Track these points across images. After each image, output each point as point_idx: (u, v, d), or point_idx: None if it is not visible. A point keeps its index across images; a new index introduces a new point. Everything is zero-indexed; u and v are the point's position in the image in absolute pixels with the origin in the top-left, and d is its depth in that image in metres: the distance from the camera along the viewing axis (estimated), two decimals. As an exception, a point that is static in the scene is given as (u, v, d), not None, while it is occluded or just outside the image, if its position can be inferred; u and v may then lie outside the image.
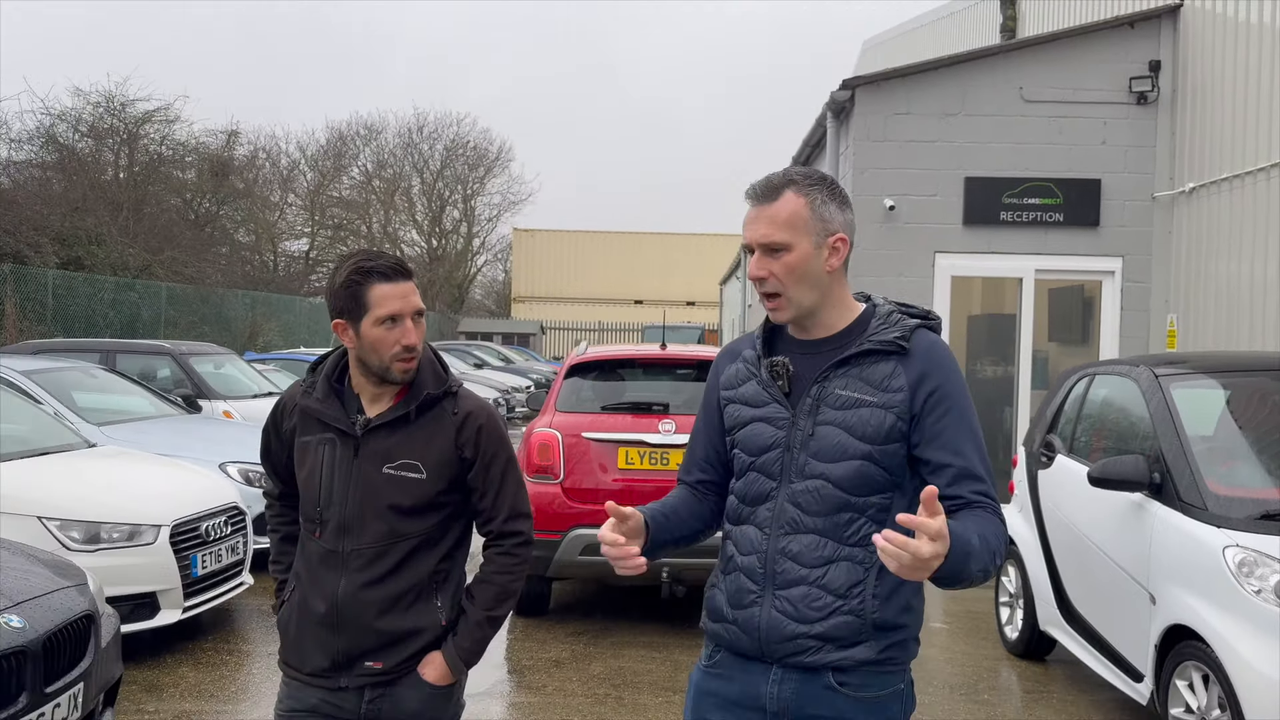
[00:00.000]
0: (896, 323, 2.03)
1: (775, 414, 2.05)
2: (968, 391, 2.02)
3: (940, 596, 7.45)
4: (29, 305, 14.98)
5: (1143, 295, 9.52)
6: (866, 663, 1.96)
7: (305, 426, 2.39)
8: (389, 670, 2.31)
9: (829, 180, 2.07)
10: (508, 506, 2.38)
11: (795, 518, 2.00)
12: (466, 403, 2.37)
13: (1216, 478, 4.30)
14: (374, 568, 2.29)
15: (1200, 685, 3.99)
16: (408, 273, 2.29)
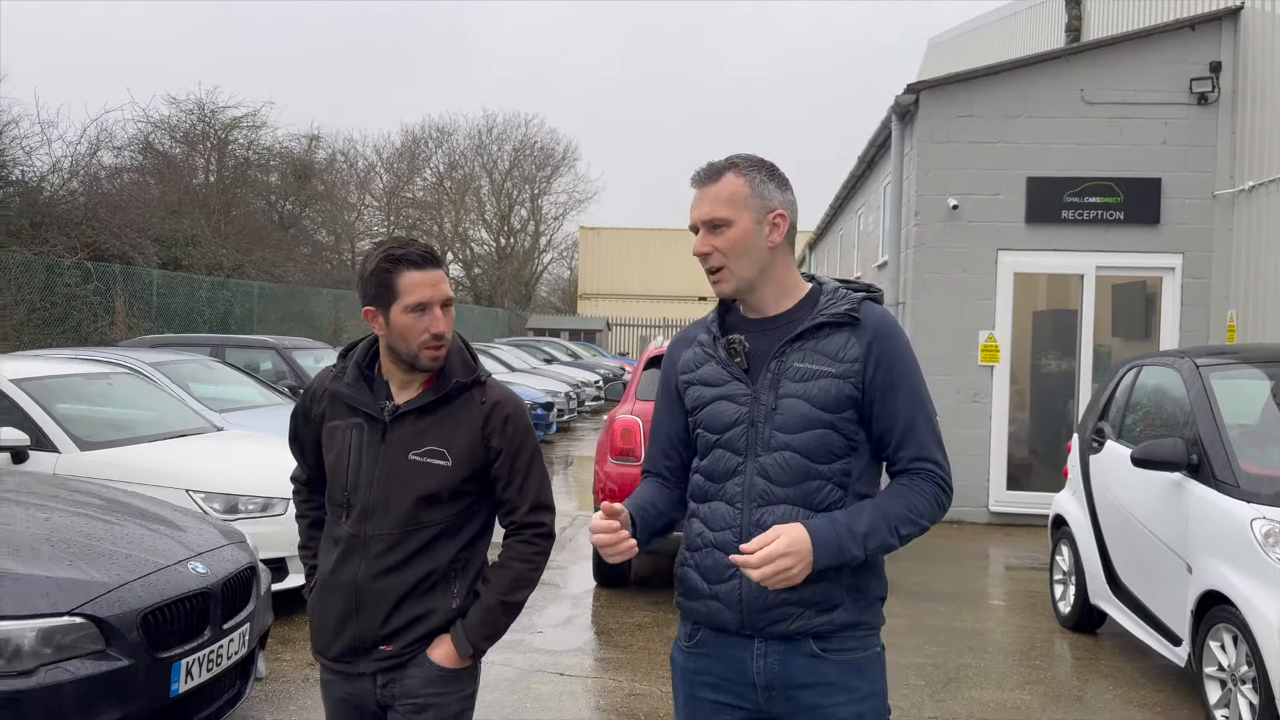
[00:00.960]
0: (844, 297, 2.12)
1: (736, 391, 2.10)
2: (915, 360, 2.13)
3: (999, 576, 7.84)
4: (135, 303, 16.00)
5: (1203, 291, 9.76)
6: (846, 625, 2.04)
7: (334, 411, 2.40)
8: (398, 652, 2.32)
9: (768, 164, 2.16)
10: (532, 497, 2.39)
11: (766, 489, 2.05)
12: (494, 392, 2.39)
13: (1250, 459, 4.68)
14: (394, 553, 2.31)
15: (1230, 645, 4.39)
16: (437, 261, 2.32)
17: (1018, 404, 10.26)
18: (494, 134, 49.04)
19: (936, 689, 5.14)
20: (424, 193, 45.55)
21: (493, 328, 39.64)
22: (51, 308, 14.14)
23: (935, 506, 2.07)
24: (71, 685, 3.30)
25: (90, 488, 4.77)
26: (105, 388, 7.06)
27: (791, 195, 2.15)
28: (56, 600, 3.40)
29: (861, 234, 15.34)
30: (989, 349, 10.01)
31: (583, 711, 4.81)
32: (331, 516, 2.40)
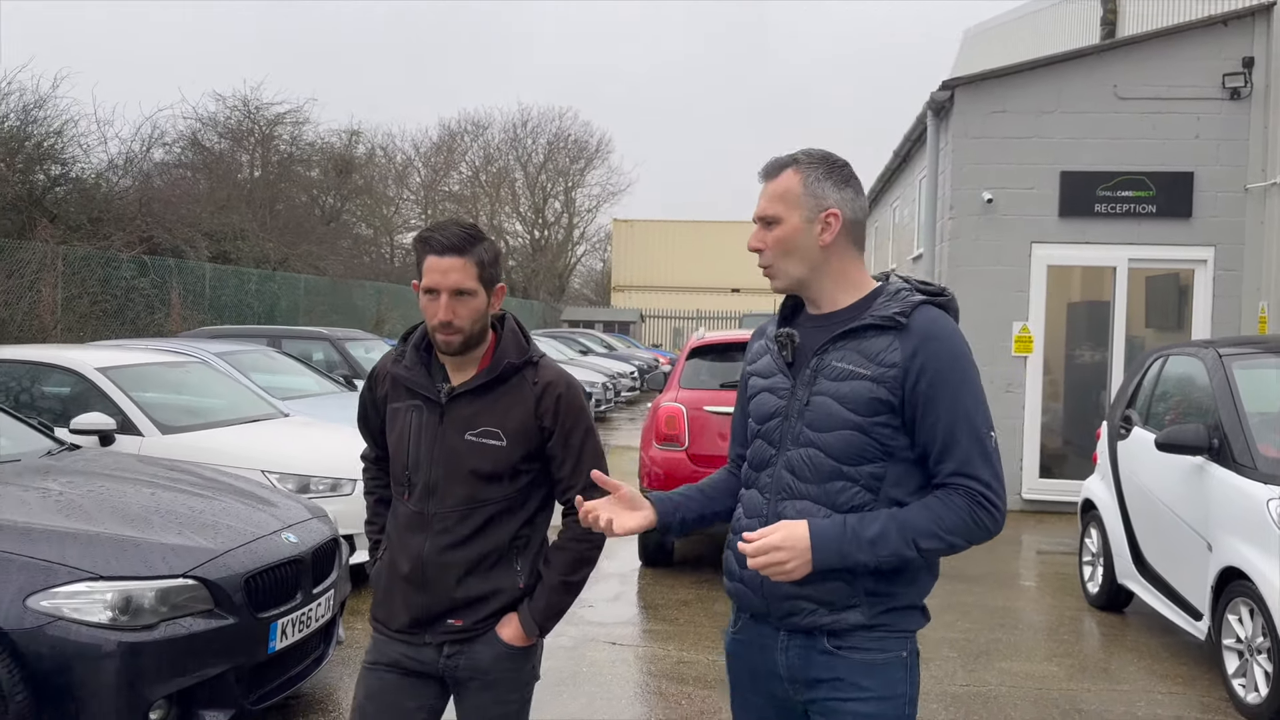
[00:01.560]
0: (901, 299, 2.07)
1: (779, 384, 2.13)
2: (969, 367, 2.04)
3: (1031, 560, 8.10)
4: (188, 296, 16.55)
5: (1235, 283, 9.92)
6: (860, 627, 2.02)
7: (395, 393, 2.47)
8: (468, 628, 2.39)
9: (831, 160, 2.13)
10: (586, 476, 2.39)
11: (790, 484, 2.07)
12: (547, 373, 2.42)
13: (1269, 443, 4.93)
14: (456, 530, 2.37)
15: (1248, 618, 4.66)
16: (460, 249, 2.32)
17: (1051, 394, 10.47)
18: (529, 127, 49.53)
19: (968, 660, 5.43)
20: (460, 186, 46.11)
21: (528, 320, 40.12)
22: (111, 300, 14.70)
23: (972, 524, 1.97)
24: (186, 639, 3.69)
25: (185, 466, 5.18)
26: (181, 376, 7.50)
27: (851, 193, 2.11)
28: (172, 564, 3.79)
29: (896, 227, 15.55)
30: (1022, 340, 10.23)
31: (635, 676, 5.16)
32: (396, 495, 2.48)
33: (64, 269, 13.69)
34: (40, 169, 16.30)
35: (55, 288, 13.27)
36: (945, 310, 2.09)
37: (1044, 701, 4.86)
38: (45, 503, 4.12)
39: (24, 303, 12.94)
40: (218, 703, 3.84)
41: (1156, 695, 4.99)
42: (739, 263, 48.79)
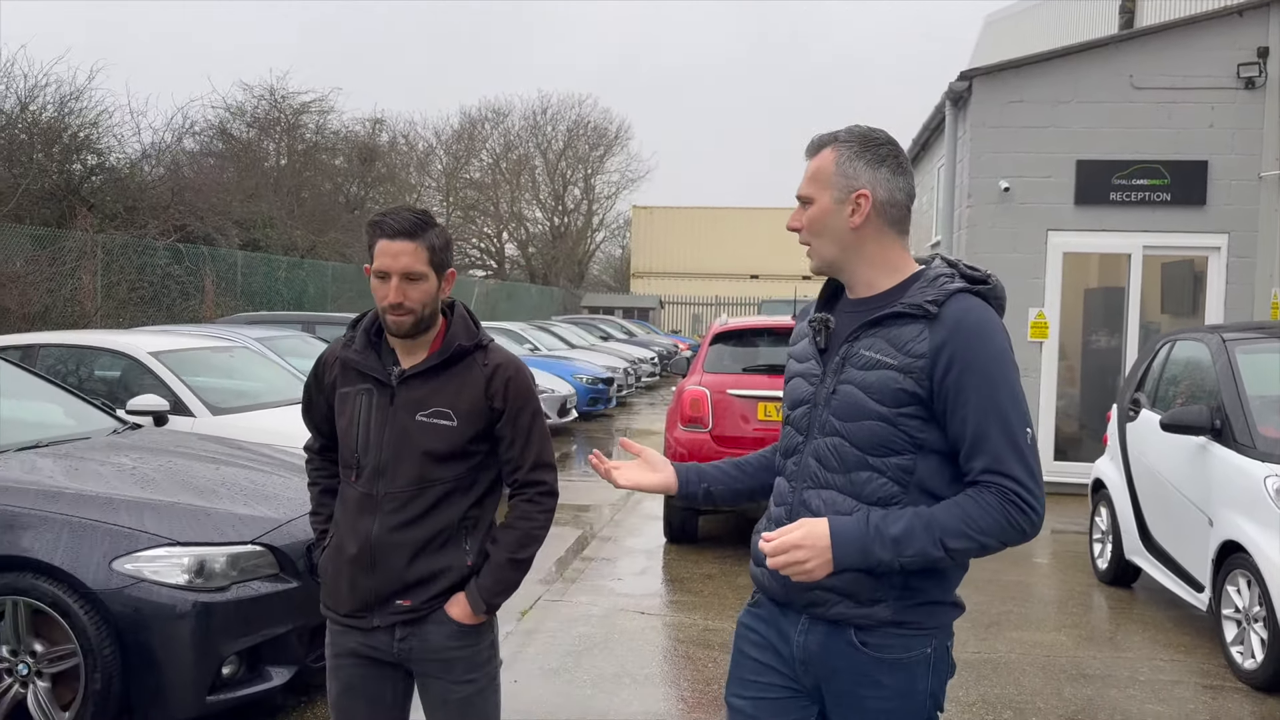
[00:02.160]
0: (938, 285, 1.99)
1: (811, 370, 2.10)
2: (1004, 360, 1.95)
3: (1044, 539, 8.35)
4: (221, 283, 16.95)
5: (1248, 270, 10.09)
6: (887, 623, 1.97)
7: (345, 378, 2.50)
8: (416, 608, 2.41)
9: (869, 138, 2.05)
10: (533, 456, 2.47)
11: (815, 472, 2.04)
12: (496, 356, 2.49)
13: (1270, 424, 5.17)
14: (406, 510, 2.40)
15: (1245, 589, 4.91)
16: (413, 233, 2.36)
17: (1067, 379, 10.69)
18: (548, 114, 49.71)
19: (980, 630, 5.71)
20: (480, 173, 46.41)
21: (549, 306, 40.42)
22: (148, 287, 15.11)
23: (1006, 525, 1.89)
24: (254, 601, 4.02)
25: (240, 443, 5.52)
26: (227, 360, 7.85)
27: (887, 172, 2.03)
28: (241, 531, 4.11)
29: (915, 213, 15.73)
30: (1038, 326, 10.45)
31: (663, 642, 5.48)
32: (344, 478, 2.50)
33: (103, 257, 14.08)
34: (77, 159, 16.70)
35: (95, 275, 13.68)
36: (986, 299, 2.00)
37: (1051, 667, 5.14)
38: (121, 476, 4.46)
39: (66, 289, 13.35)
40: (282, 660, 4.17)
41: (1159, 662, 5.25)
42: (758, 249, 48.92)
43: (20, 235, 13.14)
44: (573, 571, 6.89)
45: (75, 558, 3.84)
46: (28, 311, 12.24)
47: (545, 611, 5.93)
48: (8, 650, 3.90)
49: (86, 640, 3.80)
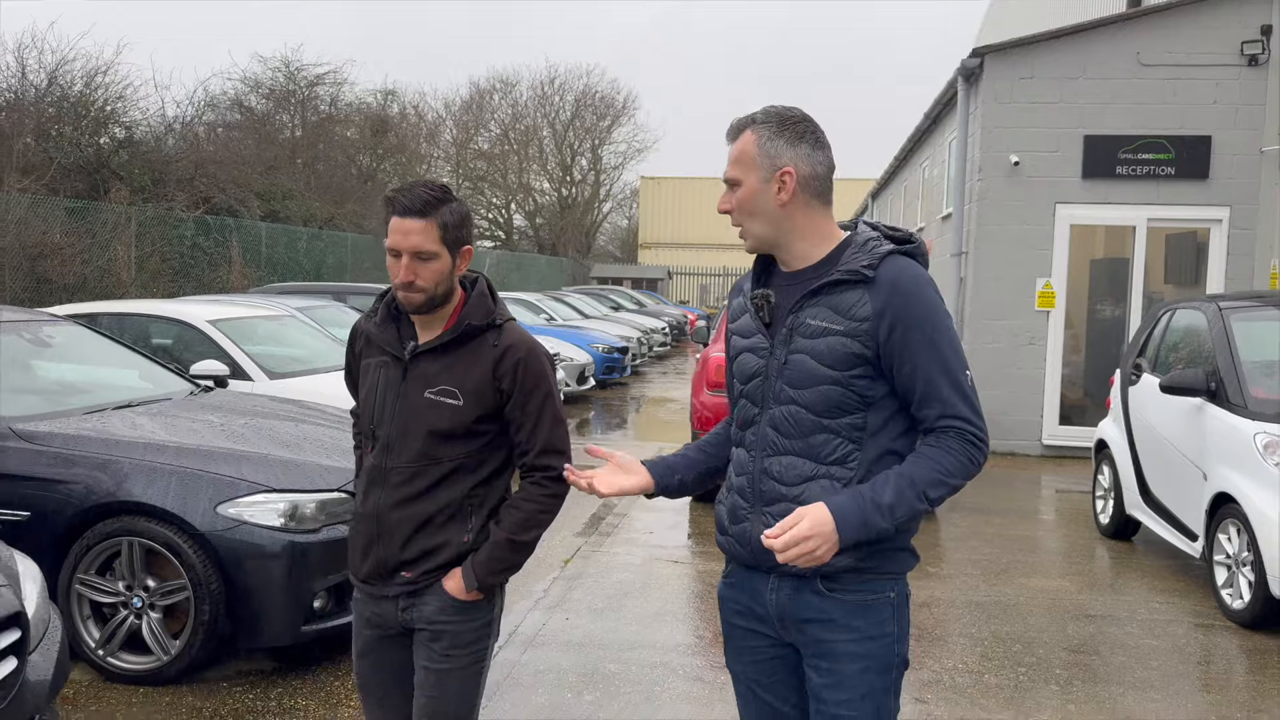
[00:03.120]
0: (869, 250, 2.10)
1: (758, 344, 2.17)
2: (939, 314, 2.07)
3: (1049, 498, 8.81)
4: (246, 254, 17.36)
5: (1248, 241, 10.48)
6: (848, 569, 2.08)
7: (369, 349, 2.53)
8: (415, 580, 2.44)
9: (785, 117, 2.13)
10: (542, 441, 2.45)
11: (774, 440, 2.12)
12: (509, 336, 2.45)
13: (1261, 386, 5.60)
14: (410, 485, 2.41)
15: (1235, 536, 5.36)
16: (424, 211, 2.34)
17: (1072, 347, 11.10)
18: (556, 84, 49.82)
19: (990, 577, 6.17)
20: (489, 144, 46.63)
21: (558, 276, 40.79)
22: (179, 258, 15.51)
23: (968, 463, 2.05)
24: (340, 542, 4.46)
25: (308, 404, 5.96)
26: (277, 328, 8.28)
27: (808, 148, 2.11)
28: (327, 480, 4.56)
29: (926, 184, 16.08)
30: (1045, 295, 10.85)
31: (695, 586, 5.94)
32: (363, 448, 2.54)
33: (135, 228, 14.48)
34: (105, 133, 17.06)
35: (129, 247, 14.08)
36: (913, 257, 2.12)
37: (1056, 609, 5.60)
38: (213, 430, 4.90)
39: (101, 260, 13.76)
40: (363, 596, 4.62)
41: (1155, 604, 5.71)
42: (765, 219, 49.18)
43: (56, 208, 13.54)
44: (607, 526, 7.35)
45: (184, 503, 4.30)
46: (67, 282, 12.66)
47: (586, 560, 6.39)
48: (124, 585, 4.36)
49: (195, 576, 4.25)
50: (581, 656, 4.76)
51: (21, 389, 5.07)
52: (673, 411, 14.51)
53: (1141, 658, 4.88)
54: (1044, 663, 4.79)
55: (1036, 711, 4.24)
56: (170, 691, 4.26)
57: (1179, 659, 4.88)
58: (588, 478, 2.26)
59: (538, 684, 4.43)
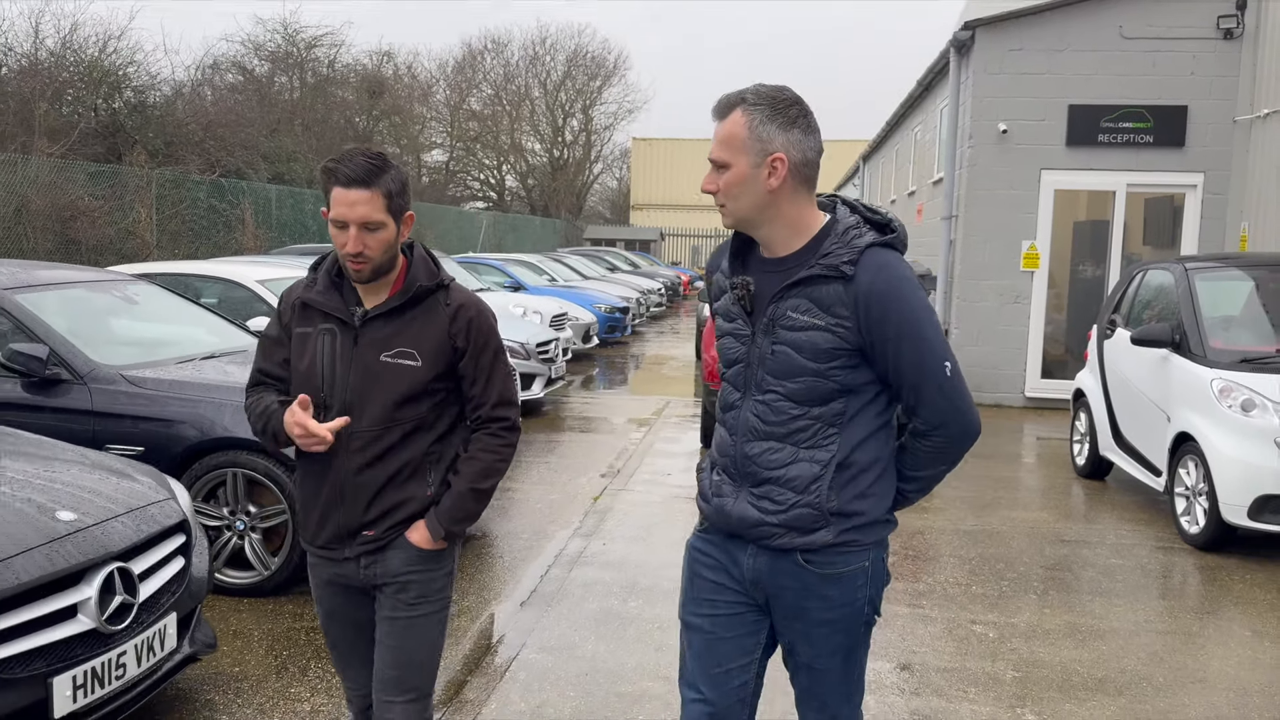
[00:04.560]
0: (850, 241, 2.10)
1: (740, 330, 2.20)
2: (919, 317, 2.09)
3: (1030, 444, 9.54)
4: (258, 216, 17.84)
5: (1220, 206, 11.15)
6: (828, 545, 2.16)
7: (304, 318, 2.50)
8: (379, 537, 2.47)
9: (777, 100, 2.10)
10: (496, 393, 2.50)
11: (755, 426, 2.17)
12: (458, 295, 2.50)
13: (1220, 338, 6.29)
14: (372, 448, 2.42)
15: (1193, 470, 6.08)
16: (368, 181, 2.32)
17: (1055, 306, 11.79)
18: (547, 44, 49.93)
19: (977, 510, 6.89)
20: (481, 105, 46.82)
21: (551, 238, 41.22)
22: (197, 220, 16.00)
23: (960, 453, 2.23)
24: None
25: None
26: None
27: (799, 134, 2.10)
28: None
29: (918, 148, 16.67)
30: (1030, 256, 11.51)
31: (718, 519, 6.63)
32: None
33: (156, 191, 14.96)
34: (119, 97, 17.44)
35: (150, 209, 14.57)
36: (893, 246, 2.13)
37: (1035, 535, 6.32)
38: (294, 378, 5.52)
39: (125, 222, 14.26)
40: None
41: (1122, 531, 6.44)
42: (756, 181, 49.60)
43: (80, 172, 14.00)
44: (629, 469, 8.02)
45: (280, 438, 4.93)
46: (94, 244, 13.18)
47: (613, 498, 7.07)
48: (228, 511, 5.00)
49: (292, 502, 4.90)
50: (621, 573, 5.44)
51: (121, 341, 5.68)
52: (673, 369, 15.18)
53: (1109, 573, 5.60)
54: (1024, 577, 5.51)
55: (1017, 614, 4.96)
56: (271, 601, 4.93)
57: (1141, 574, 5.61)
58: None
59: (588, 595, 5.12)
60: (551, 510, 6.75)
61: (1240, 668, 4.38)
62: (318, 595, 2.62)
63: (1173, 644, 4.62)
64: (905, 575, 5.52)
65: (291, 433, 2.38)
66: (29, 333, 5.14)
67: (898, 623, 4.81)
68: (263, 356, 2.60)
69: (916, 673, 4.25)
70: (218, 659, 4.24)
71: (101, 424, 5.01)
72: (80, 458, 3.82)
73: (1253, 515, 5.66)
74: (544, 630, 4.63)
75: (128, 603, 3.21)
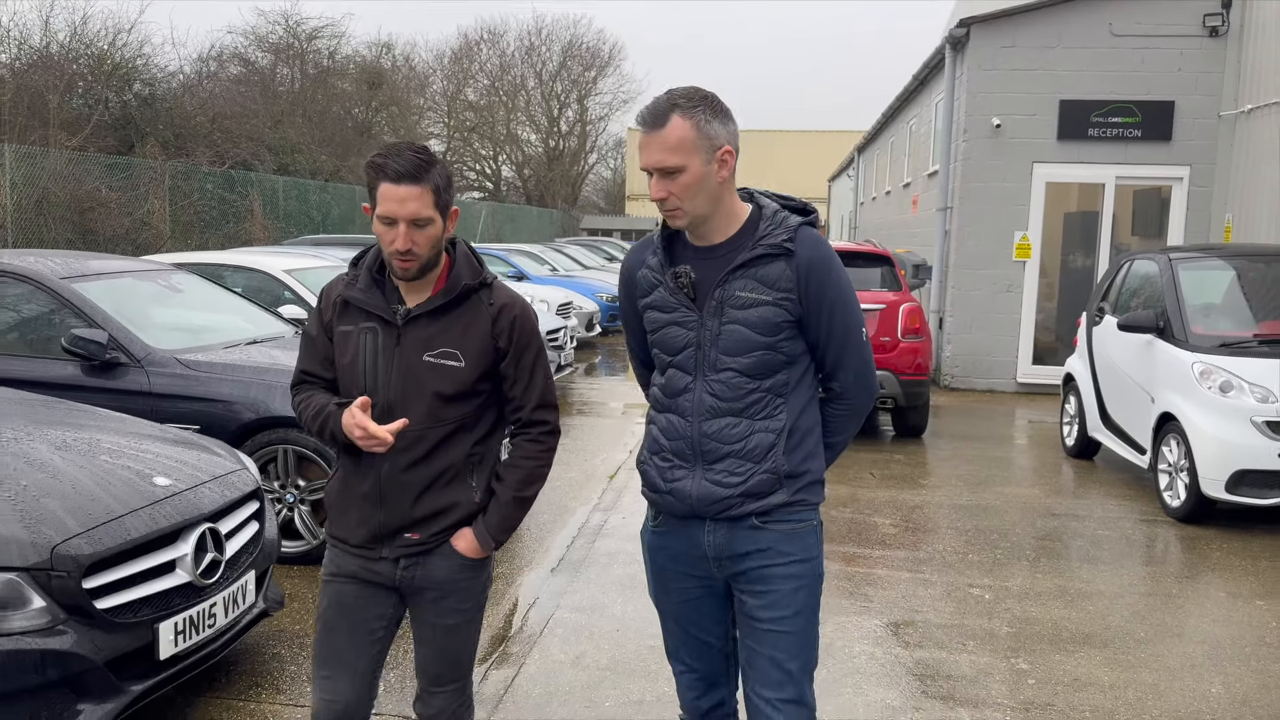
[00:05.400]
0: (781, 223, 2.27)
1: (685, 318, 2.30)
2: (848, 290, 2.31)
3: (1023, 426, 9.94)
4: (266, 207, 18.15)
5: (1206, 198, 11.56)
6: (783, 505, 2.31)
7: (345, 316, 2.45)
8: (424, 541, 2.44)
9: (709, 98, 2.22)
10: (537, 396, 2.47)
11: (713, 405, 2.29)
12: (501, 295, 2.46)
13: (1201, 324, 6.69)
14: (415, 449, 2.38)
15: (1175, 447, 6.49)
16: (417, 176, 2.28)
17: (1046, 294, 12.20)
18: (543, 35, 50.22)
19: (972, 487, 7.29)
20: (477, 95, 47.06)
21: (549, 228, 41.55)
22: (208, 211, 16.31)
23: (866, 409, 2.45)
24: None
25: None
26: (340, 276, 9.22)
27: (734, 125, 2.24)
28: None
29: (913, 143, 17.05)
30: (1022, 247, 11.92)
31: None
32: None
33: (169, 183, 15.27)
34: (129, 90, 17.72)
35: (164, 201, 14.88)
36: (814, 226, 2.33)
37: (1027, 509, 6.73)
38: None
39: (140, 213, 14.57)
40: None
41: (1109, 505, 6.86)
42: (750, 172, 49.99)
43: (97, 163, 14.30)
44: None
45: (327, 417, 5.29)
46: (111, 234, 13.49)
47: (628, 475, 7.45)
48: (278, 484, 5.37)
49: (338, 476, 5.26)
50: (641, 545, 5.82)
51: (170, 327, 6.04)
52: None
53: (1096, 543, 6.01)
54: (1016, 547, 5.92)
55: (1010, 578, 5.36)
56: (319, 568, 5.30)
57: (1126, 544, 6.02)
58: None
59: (612, 562, 5.51)
60: (571, 488, 7.13)
61: (1215, 624, 4.79)
62: (329, 583, 2.53)
63: (1154, 604, 5.03)
64: (906, 544, 5.92)
65: (351, 434, 2.31)
66: (88, 319, 5.50)
67: (900, 586, 5.21)
68: (306, 355, 2.56)
69: (919, 629, 4.65)
70: (279, 618, 4.62)
71: (159, 404, 5.37)
72: (160, 432, 4.19)
73: (1230, 489, 6.07)
74: (575, 593, 5.02)
75: (217, 559, 3.58)
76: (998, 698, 3.96)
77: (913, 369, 8.46)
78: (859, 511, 6.60)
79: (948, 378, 12.14)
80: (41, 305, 5.69)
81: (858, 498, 6.93)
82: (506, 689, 3.96)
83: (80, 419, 4.12)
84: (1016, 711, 3.84)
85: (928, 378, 8.68)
